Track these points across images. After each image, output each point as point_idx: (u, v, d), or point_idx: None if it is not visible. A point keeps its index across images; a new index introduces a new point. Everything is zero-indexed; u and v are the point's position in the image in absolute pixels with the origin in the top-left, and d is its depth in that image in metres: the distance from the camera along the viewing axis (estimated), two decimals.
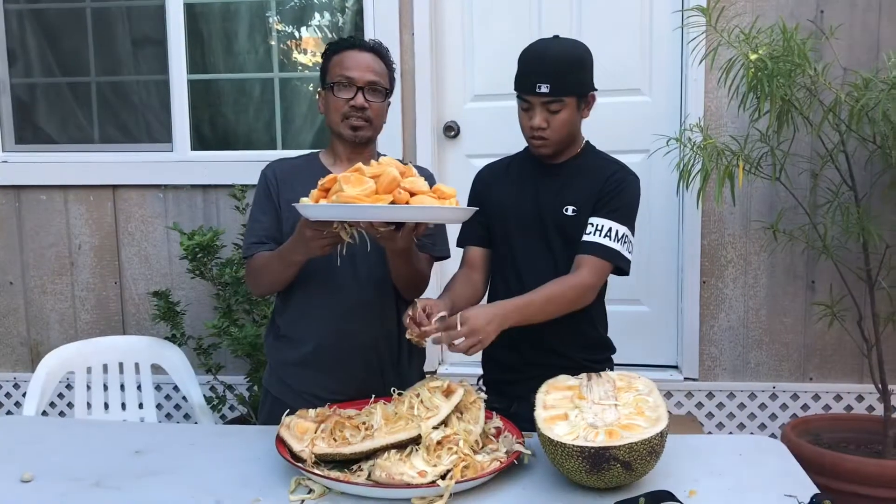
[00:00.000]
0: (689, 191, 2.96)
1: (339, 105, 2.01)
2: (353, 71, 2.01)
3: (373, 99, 2.02)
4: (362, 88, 2.00)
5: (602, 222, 1.98)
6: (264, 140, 3.65)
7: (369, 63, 2.02)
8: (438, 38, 3.42)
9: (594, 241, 1.97)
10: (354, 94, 2.00)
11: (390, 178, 1.66)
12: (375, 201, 1.64)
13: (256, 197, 2.11)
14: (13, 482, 1.61)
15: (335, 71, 2.03)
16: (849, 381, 3.29)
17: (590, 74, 2.03)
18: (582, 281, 1.94)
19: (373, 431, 1.62)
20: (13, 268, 3.69)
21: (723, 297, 3.32)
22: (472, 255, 2.15)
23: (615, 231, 1.97)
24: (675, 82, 3.30)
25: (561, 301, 1.92)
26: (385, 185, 1.65)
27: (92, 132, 3.75)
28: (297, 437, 1.64)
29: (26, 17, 3.70)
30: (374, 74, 2.02)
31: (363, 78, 2.00)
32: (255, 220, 2.09)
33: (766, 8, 3.13)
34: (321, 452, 1.60)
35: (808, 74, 2.62)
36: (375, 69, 2.03)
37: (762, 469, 1.65)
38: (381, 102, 2.05)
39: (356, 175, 1.67)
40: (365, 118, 2.02)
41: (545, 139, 2.00)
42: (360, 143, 2.06)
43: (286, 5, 3.61)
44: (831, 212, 2.89)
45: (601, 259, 1.97)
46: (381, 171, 1.67)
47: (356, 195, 1.63)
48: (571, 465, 1.50)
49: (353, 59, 2.02)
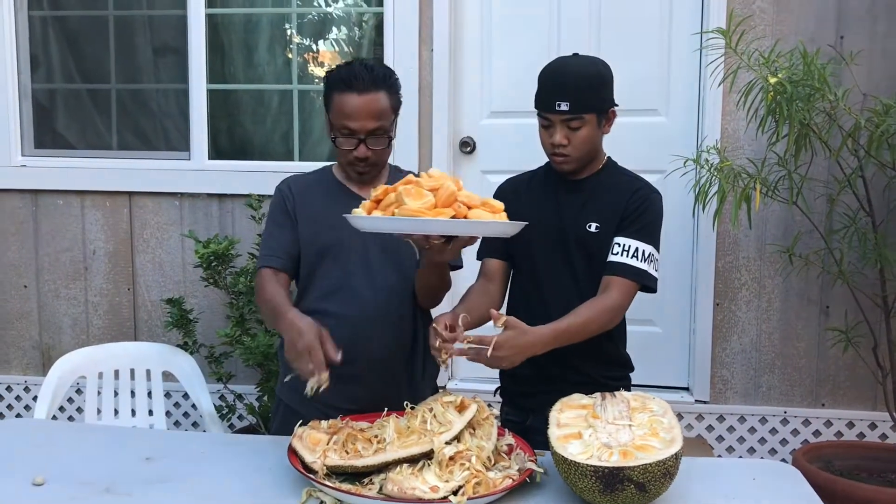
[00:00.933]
0: (704, 212, 2.95)
1: (344, 152, 2.01)
2: (354, 121, 1.96)
3: (375, 146, 1.99)
4: (364, 139, 1.98)
5: (628, 242, 1.99)
6: (281, 151, 3.66)
7: (370, 108, 1.96)
8: (457, 54, 3.44)
9: (622, 261, 1.98)
10: (357, 146, 1.98)
11: (449, 192, 1.68)
12: (437, 214, 1.65)
13: (271, 211, 2.11)
14: (25, 485, 1.61)
15: (337, 116, 1.99)
16: (862, 408, 3.26)
17: (610, 91, 2.04)
18: (613, 303, 1.96)
19: (385, 445, 1.62)
20: (28, 271, 3.71)
21: (736, 319, 3.30)
22: (490, 266, 2.15)
23: (642, 250, 1.98)
24: (692, 103, 3.30)
25: (595, 325, 1.94)
26: (444, 199, 1.67)
27: (110, 139, 3.78)
28: (310, 448, 1.64)
29: (50, 23, 3.74)
30: (376, 120, 1.97)
31: (364, 128, 1.96)
32: (269, 234, 2.09)
33: (786, 32, 3.13)
34: (333, 465, 1.59)
35: (828, 99, 2.62)
36: (377, 111, 1.97)
37: (776, 494, 1.63)
38: (386, 147, 2.03)
39: (416, 188, 1.68)
40: (371, 164, 2.02)
41: (566, 156, 2.01)
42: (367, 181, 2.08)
43: (306, 18, 3.63)
44: (848, 237, 2.88)
45: (630, 280, 1.98)
46: (440, 185, 1.68)
47: (418, 208, 1.63)
48: (584, 484, 1.49)
49: (353, 106, 1.95)
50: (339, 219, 2.01)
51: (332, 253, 2.03)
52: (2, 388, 3.78)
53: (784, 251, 3.05)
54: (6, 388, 3.77)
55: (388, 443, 1.61)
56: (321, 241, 2.03)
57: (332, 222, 2.02)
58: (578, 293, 2.02)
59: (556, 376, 1.99)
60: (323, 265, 2.04)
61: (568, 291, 2.04)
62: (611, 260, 2.00)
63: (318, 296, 2.04)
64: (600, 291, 1.99)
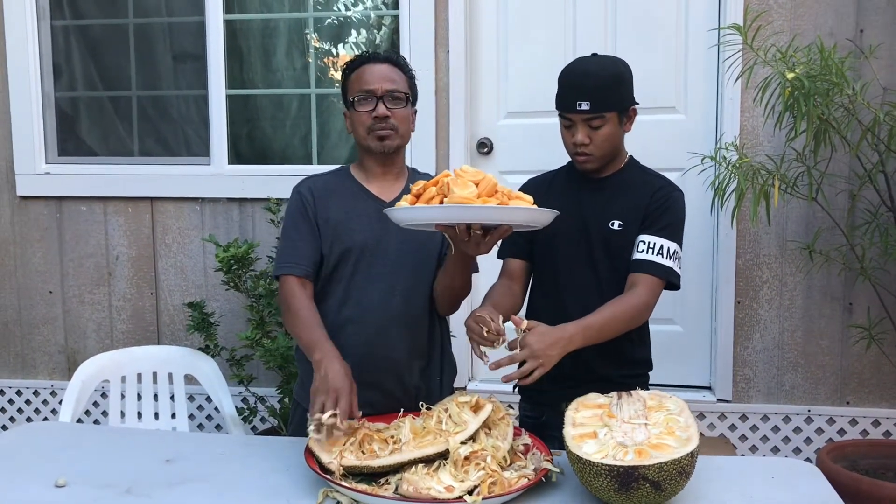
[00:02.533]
0: (723, 210, 2.93)
1: (363, 118, 2.02)
2: (371, 83, 2.02)
3: (394, 106, 2.02)
4: (382, 98, 2.01)
5: (653, 240, 1.99)
6: (300, 155, 3.69)
7: (385, 73, 2.03)
8: (473, 55, 3.45)
9: (647, 259, 1.98)
10: (375, 105, 2.01)
11: (492, 183, 1.69)
12: (484, 203, 1.66)
13: (290, 214, 2.08)
14: (48, 486, 1.64)
15: (354, 87, 2.05)
16: (888, 406, 3.22)
17: (629, 89, 2.04)
18: (640, 300, 1.96)
19: (401, 445, 1.63)
20: (53, 277, 3.77)
21: (757, 317, 3.27)
22: (512, 266, 2.16)
23: (666, 248, 1.98)
24: (710, 100, 3.28)
25: (621, 322, 1.94)
26: (488, 189, 1.69)
27: (132, 145, 3.83)
28: (327, 448, 1.65)
29: (72, 32, 3.80)
30: (392, 83, 2.03)
31: (381, 87, 2.01)
32: (288, 239, 2.06)
33: (804, 27, 3.11)
34: (349, 465, 1.60)
35: (846, 94, 2.59)
36: (392, 77, 2.04)
37: (795, 493, 1.62)
38: (404, 108, 2.05)
39: (461, 179, 1.69)
40: (390, 127, 2.02)
41: (589, 155, 2.01)
42: (389, 154, 2.06)
43: (324, 22, 3.66)
44: (870, 233, 2.85)
45: (656, 277, 1.98)
46: (483, 176, 1.70)
47: (466, 196, 1.64)
48: (600, 483, 1.49)
49: (369, 73, 2.03)
50: (359, 222, 2.03)
51: (352, 257, 2.03)
52: (29, 393, 3.84)
53: (805, 248, 3.02)
54: (33, 393, 3.83)
55: (404, 443, 1.62)
56: (341, 245, 2.03)
57: (351, 226, 2.03)
58: (599, 293, 2.02)
59: (573, 375, 1.98)
60: (342, 269, 2.04)
61: (589, 291, 2.04)
62: (636, 258, 2.00)
63: (337, 299, 2.04)
64: (626, 289, 1.99)
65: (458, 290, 2.04)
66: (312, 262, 2.03)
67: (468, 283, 2.03)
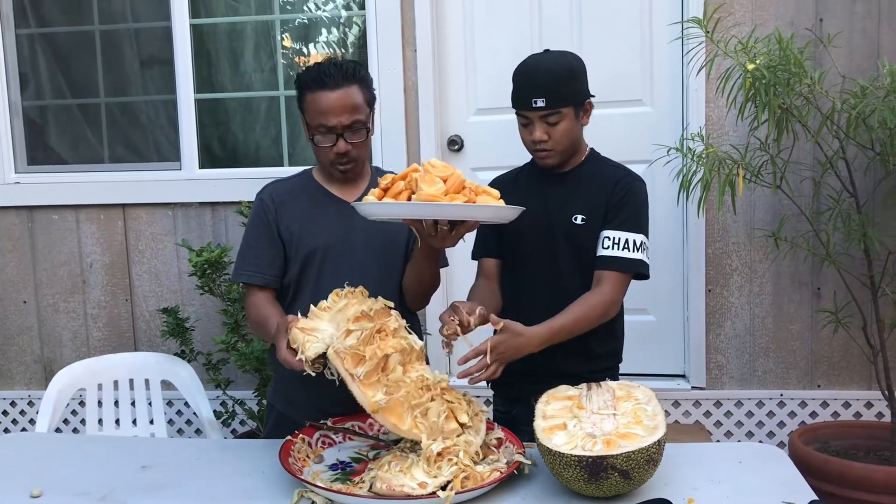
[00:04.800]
0: (690, 200, 2.97)
1: (325, 152, 2.01)
2: (329, 117, 1.96)
3: (354, 139, 2.00)
4: (342, 134, 1.98)
5: (616, 234, 2.01)
6: (271, 157, 3.69)
7: (344, 102, 1.96)
8: (441, 53, 3.46)
9: (612, 254, 2.00)
10: (335, 142, 1.99)
11: (460, 179, 1.73)
12: (451, 200, 1.69)
13: (252, 221, 2.10)
14: (23, 498, 1.64)
15: (312, 115, 1.99)
16: (857, 387, 3.28)
17: (583, 83, 2.07)
18: (605, 298, 1.99)
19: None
20: (26, 287, 3.74)
21: (728, 305, 3.32)
22: (488, 266, 2.19)
23: (632, 241, 2.01)
24: (675, 92, 3.32)
25: (589, 321, 1.97)
26: (456, 186, 1.71)
27: (102, 152, 3.81)
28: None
29: (37, 40, 3.77)
30: (351, 114, 1.97)
31: (341, 122, 1.96)
32: (248, 246, 2.09)
33: (765, 17, 3.15)
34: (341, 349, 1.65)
35: (806, 83, 2.64)
36: (352, 105, 1.97)
37: (761, 476, 1.66)
38: (364, 136, 2.03)
39: (429, 175, 1.71)
40: (351, 159, 2.02)
41: (548, 151, 2.04)
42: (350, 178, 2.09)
43: (291, 23, 3.66)
44: (833, 219, 2.90)
45: (621, 272, 2.01)
46: (451, 172, 1.73)
47: (433, 193, 1.67)
48: (570, 474, 1.52)
49: (327, 103, 1.96)
50: (322, 224, 2.04)
51: (317, 259, 2.04)
52: (6, 404, 3.81)
53: (771, 235, 3.07)
54: (10, 404, 3.81)
55: None
56: (305, 248, 2.04)
57: (314, 229, 2.04)
58: (561, 288, 2.04)
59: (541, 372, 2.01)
60: (308, 271, 2.05)
61: (550, 284, 2.07)
62: (601, 254, 2.02)
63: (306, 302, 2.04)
64: (593, 286, 2.02)
65: (426, 283, 2.05)
66: (272, 270, 2.05)
67: (436, 276, 2.05)
